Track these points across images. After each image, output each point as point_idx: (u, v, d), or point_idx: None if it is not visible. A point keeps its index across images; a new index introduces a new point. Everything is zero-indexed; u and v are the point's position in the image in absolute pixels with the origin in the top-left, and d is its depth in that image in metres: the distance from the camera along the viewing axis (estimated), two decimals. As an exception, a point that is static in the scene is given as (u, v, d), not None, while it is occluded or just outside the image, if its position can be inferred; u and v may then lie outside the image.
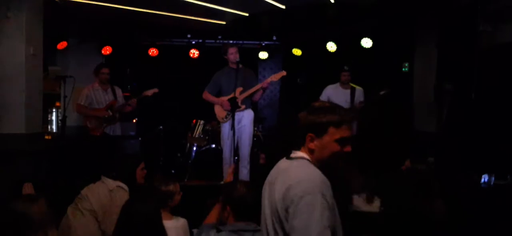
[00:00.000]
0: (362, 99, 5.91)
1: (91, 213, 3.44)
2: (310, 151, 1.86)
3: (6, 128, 4.64)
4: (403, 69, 6.84)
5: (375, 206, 3.08)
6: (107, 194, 3.45)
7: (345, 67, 5.99)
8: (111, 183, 3.50)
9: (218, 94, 5.40)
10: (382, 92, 5.65)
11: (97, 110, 5.59)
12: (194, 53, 7.80)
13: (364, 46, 6.72)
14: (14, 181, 3.75)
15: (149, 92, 5.65)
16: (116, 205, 3.35)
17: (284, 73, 5.36)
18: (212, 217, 2.67)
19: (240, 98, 5.25)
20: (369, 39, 6.68)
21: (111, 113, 5.61)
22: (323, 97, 6.04)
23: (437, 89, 6.05)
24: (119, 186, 3.47)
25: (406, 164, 3.54)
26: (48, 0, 5.37)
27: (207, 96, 5.45)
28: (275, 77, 5.29)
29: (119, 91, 5.84)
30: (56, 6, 5.71)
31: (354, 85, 5.93)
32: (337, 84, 6.05)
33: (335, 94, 5.98)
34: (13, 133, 4.62)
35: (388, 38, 6.65)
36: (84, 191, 3.50)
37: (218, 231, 2.39)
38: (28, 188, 3.04)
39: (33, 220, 2.14)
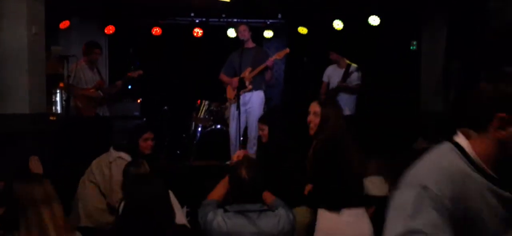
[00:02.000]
0: (355, 77, 5.83)
1: (95, 184, 3.47)
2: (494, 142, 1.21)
3: (10, 108, 4.60)
4: (411, 47, 6.75)
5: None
6: (107, 165, 3.47)
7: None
8: (113, 154, 3.52)
9: (234, 75, 5.32)
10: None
11: (87, 90, 5.44)
12: (197, 32, 7.70)
13: (372, 23, 6.61)
14: (19, 160, 3.73)
15: (134, 74, 5.60)
16: (113, 176, 3.37)
17: (287, 50, 5.31)
18: (217, 193, 2.65)
19: (248, 78, 5.17)
20: (376, 16, 6.56)
21: (101, 94, 5.49)
22: (324, 77, 6.10)
23: (445, 68, 5.95)
24: (119, 157, 3.48)
25: (419, 143, 3.47)
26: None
27: (222, 77, 5.44)
28: (279, 55, 5.23)
29: (101, 72, 5.76)
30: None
31: (349, 63, 5.85)
32: (336, 65, 6.03)
33: (333, 73, 6.02)
34: (17, 113, 4.58)
35: (396, 16, 6.53)
36: (93, 163, 3.55)
37: (225, 211, 2.39)
38: (34, 161, 3.03)
39: (37, 198, 2.13)
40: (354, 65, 5.85)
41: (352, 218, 2.57)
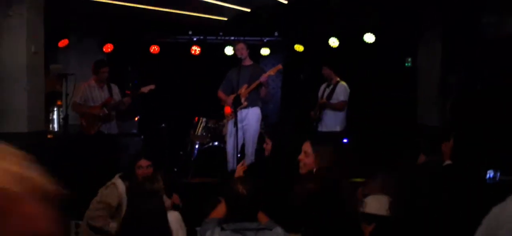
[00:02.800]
0: (341, 94, 5.82)
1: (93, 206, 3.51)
2: None
3: (9, 127, 4.62)
4: (406, 64, 6.82)
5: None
6: (102, 190, 3.50)
7: (324, 63, 5.98)
8: (114, 179, 3.53)
9: (232, 92, 5.36)
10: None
11: (92, 108, 5.44)
12: (195, 50, 7.76)
13: (367, 41, 6.69)
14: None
15: (146, 89, 5.54)
16: (99, 201, 3.42)
17: (280, 66, 5.41)
18: (218, 212, 2.65)
19: (244, 95, 5.22)
20: (371, 34, 6.64)
21: (106, 111, 5.46)
22: (320, 93, 6.09)
23: (442, 82, 6.02)
24: (113, 183, 3.49)
25: (421, 159, 3.45)
26: (48, -2, 5.35)
27: (220, 94, 5.46)
28: (272, 71, 5.31)
29: (115, 88, 5.69)
30: (57, 3, 5.68)
31: (339, 80, 5.87)
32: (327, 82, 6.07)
33: (324, 91, 6.01)
34: (15, 132, 4.60)
35: (391, 33, 6.62)
36: None
37: (222, 229, 2.38)
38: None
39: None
40: (341, 83, 5.85)
41: None
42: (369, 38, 6.70)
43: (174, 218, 3.04)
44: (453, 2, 5.65)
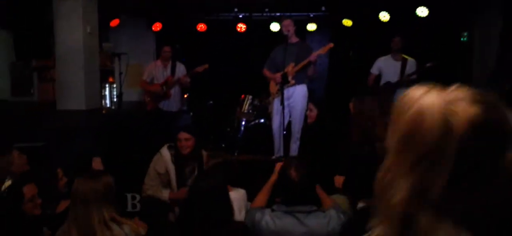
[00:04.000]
0: (414, 71, 5.58)
1: None
2: None
3: (68, 105, 4.89)
4: (462, 39, 6.47)
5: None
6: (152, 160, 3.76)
7: (396, 33, 5.68)
8: (161, 149, 3.73)
9: (277, 70, 5.34)
10: (428, 65, 5.33)
11: (152, 86, 5.84)
12: (241, 27, 7.76)
13: (420, 15, 6.37)
14: (77, 154, 3.97)
15: (200, 68, 5.80)
16: (149, 172, 3.73)
17: (331, 45, 5.22)
18: (259, 201, 2.67)
19: (291, 73, 5.17)
20: (424, 7, 6.32)
21: (164, 89, 5.77)
22: (374, 69, 5.81)
23: (501, 58, 5.66)
24: (159, 152, 3.73)
25: None
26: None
27: (265, 72, 5.48)
28: (323, 50, 5.17)
29: (180, 67, 6.00)
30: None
31: (406, 56, 5.62)
32: (389, 56, 5.76)
33: (386, 66, 5.71)
34: (74, 109, 4.86)
35: (446, 6, 6.26)
36: None
37: (273, 210, 2.41)
38: (96, 162, 3.20)
39: (89, 197, 2.26)
40: (411, 59, 5.57)
41: None
42: (422, 11, 6.38)
43: (240, 195, 3.12)
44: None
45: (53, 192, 2.86)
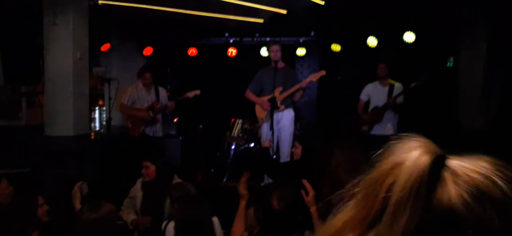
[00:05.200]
0: (401, 96, 5.65)
1: None
2: None
3: (56, 131, 4.86)
4: (448, 64, 6.58)
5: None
6: None
7: (381, 59, 5.79)
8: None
9: (260, 93, 5.39)
10: (412, 85, 5.43)
11: (138, 110, 5.61)
12: (231, 52, 7.83)
13: (407, 40, 6.49)
14: (64, 180, 3.93)
15: (191, 94, 5.68)
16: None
17: (323, 73, 5.29)
18: (237, 230, 2.63)
19: (279, 98, 5.22)
20: (411, 32, 6.44)
21: (151, 115, 5.63)
22: (363, 95, 5.90)
23: (486, 83, 5.77)
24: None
25: None
26: (92, 4, 5.56)
27: (249, 95, 5.49)
28: (314, 77, 5.23)
29: (163, 92, 5.84)
30: (99, 9, 5.90)
31: (393, 81, 5.71)
32: (376, 82, 5.87)
33: (374, 92, 5.81)
34: (62, 135, 4.83)
35: (432, 32, 6.39)
36: None
37: None
38: (82, 188, 3.14)
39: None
40: (398, 84, 5.67)
41: None
42: (409, 37, 6.50)
43: (216, 223, 3.11)
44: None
45: (31, 219, 2.82)
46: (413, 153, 0.65)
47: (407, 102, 5.64)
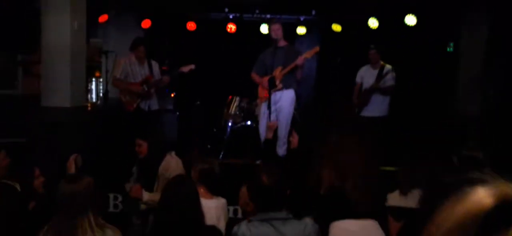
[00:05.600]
0: (390, 78, 5.70)
1: None
2: None
3: (53, 102, 4.83)
4: (448, 49, 6.55)
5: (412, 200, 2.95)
6: None
7: (371, 46, 5.80)
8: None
9: (265, 74, 5.34)
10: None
11: (132, 84, 5.47)
12: (231, 27, 7.74)
13: (408, 23, 6.43)
14: (60, 153, 3.93)
15: (185, 69, 5.52)
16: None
17: (317, 49, 5.23)
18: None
19: (278, 77, 5.18)
20: (413, 16, 6.38)
21: (146, 89, 5.50)
22: (358, 78, 5.99)
23: (485, 69, 5.76)
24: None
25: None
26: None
27: (253, 76, 5.46)
28: (309, 53, 5.17)
29: (156, 66, 5.70)
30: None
31: (384, 63, 5.73)
32: (369, 65, 5.91)
33: (366, 75, 5.90)
34: (59, 106, 4.81)
35: (433, 16, 6.33)
36: None
37: (249, 221, 2.42)
38: (77, 161, 3.14)
39: (72, 203, 2.23)
40: (388, 66, 5.73)
41: (357, 228, 2.47)
42: (411, 20, 6.45)
43: (220, 204, 3.13)
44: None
45: (27, 190, 2.84)
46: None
47: (403, 85, 5.68)
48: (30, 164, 3.18)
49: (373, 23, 6.92)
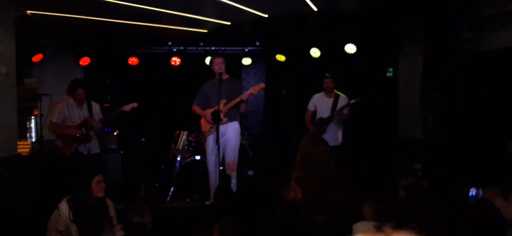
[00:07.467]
0: (346, 110, 5.80)
1: None
2: None
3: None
4: (388, 74, 6.82)
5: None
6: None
7: (327, 74, 5.88)
8: (60, 204, 3.42)
9: (207, 106, 5.28)
10: (352, 101, 5.58)
11: (69, 128, 5.17)
12: (175, 61, 7.61)
13: (348, 52, 6.65)
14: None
15: (127, 107, 5.30)
16: (49, 229, 3.38)
17: (262, 85, 5.30)
18: None
19: (223, 110, 5.14)
20: (353, 45, 6.61)
21: (84, 132, 5.20)
22: (310, 105, 6.01)
23: (422, 96, 6.04)
24: (57, 208, 3.41)
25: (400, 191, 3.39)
26: (20, 14, 5.16)
27: (195, 108, 5.38)
28: (254, 89, 5.20)
29: (96, 107, 5.43)
30: (29, 19, 5.48)
31: (338, 92, 5.84)
32: (322, 93, 5.98)
33: (320, 102, 5.93)
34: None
35: (372, 43, 6.60)
36: None
37: None
38: None
39: None
40: (343, 95, 5.78)
41: None
42: (350, 48, 6.67)
43: None
44: (433, 15, 5.66)
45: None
46: None
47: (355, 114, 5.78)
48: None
49: (315, 52, 7.09)
